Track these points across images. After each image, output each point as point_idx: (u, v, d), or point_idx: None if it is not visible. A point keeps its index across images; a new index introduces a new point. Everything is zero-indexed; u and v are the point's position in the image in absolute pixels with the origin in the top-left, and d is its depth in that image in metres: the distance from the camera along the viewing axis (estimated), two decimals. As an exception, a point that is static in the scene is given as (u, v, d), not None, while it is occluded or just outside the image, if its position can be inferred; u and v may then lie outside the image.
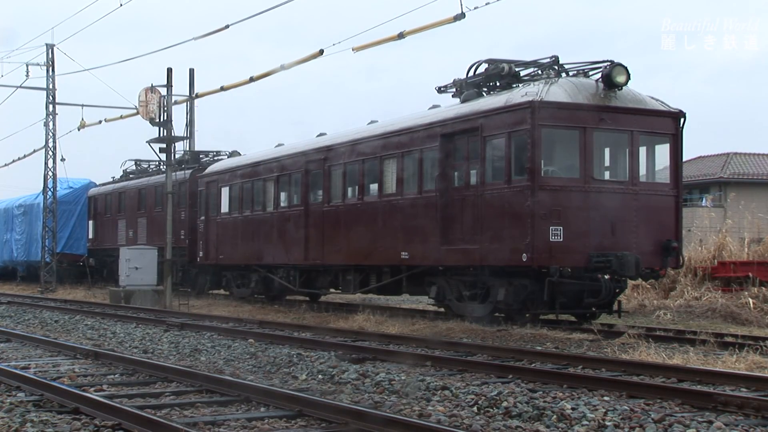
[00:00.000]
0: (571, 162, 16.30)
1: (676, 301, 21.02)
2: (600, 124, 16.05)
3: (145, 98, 25.21)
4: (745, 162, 53.16)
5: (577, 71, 16.97)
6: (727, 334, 15.19)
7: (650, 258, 16.30)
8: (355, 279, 20.71)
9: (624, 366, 11.21)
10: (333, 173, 21.28)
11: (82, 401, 8.50)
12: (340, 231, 20.78)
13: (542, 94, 15.70)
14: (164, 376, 10.43)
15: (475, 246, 16.55)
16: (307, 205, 22.20)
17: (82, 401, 8.51)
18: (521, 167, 15.86)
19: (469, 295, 17.37)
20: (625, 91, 16.39)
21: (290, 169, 23.13)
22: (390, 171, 19.24)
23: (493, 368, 11.28)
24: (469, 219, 16.85)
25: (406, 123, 19.01)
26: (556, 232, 15.48)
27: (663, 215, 16.55)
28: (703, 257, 23.39)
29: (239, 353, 13.00)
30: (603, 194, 15.98)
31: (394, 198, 18.97)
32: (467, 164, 17.11)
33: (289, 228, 22.90)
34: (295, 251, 22.46)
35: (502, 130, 16.20)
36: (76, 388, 9.27)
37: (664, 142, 16.90)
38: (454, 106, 18.21)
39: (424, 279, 18.60)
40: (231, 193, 26.20)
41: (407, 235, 18.43)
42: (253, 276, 25.36)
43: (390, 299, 25.06)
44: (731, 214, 32.63)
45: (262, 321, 18.69)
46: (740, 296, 20.34)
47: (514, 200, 15.83)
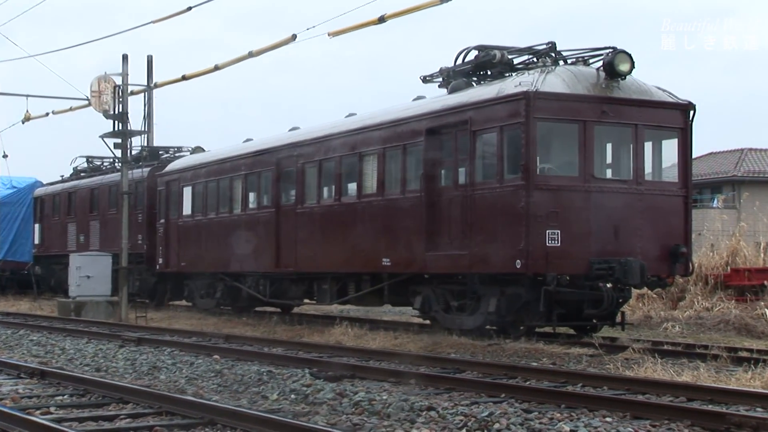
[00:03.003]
0: (569, 159, 16.36)
1: (686, 312, 21.12)
2: (601, 117, 16.12)
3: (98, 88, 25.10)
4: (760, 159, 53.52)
5: (576, 59, 17.03)
6: (741, 349, 15.27)
7: (657, 264, 16.38)
8: (331, 288, 20.69)
9: (628, 383, 11.26)
10: (307, 171, 21.26)
11: (27, 425, 8.45)
12: (315, 235, 20.77)
13: (538, 84, 15.75)
14: (119, 396, 10.38)
15: (463, 251, 16.58)
16: (279, 206, 22.16)
17: (26, 425, 8.46)
18: (515, 165, 15.91)
19: (458, 306, 17.40)
20: (628, 81, 16.47)
21: (260, 167, 23.10)
22: (370, 169, 19.25)
23: (484, 386, 11.30)
24: (457, 222, 16.88)
25: (388, 116, 19.02)
26: (554, 236, 15.52)
27: (670, 217, 16.63)
28: (714, 264, 23.51)
29: (203, 371, 12.96)
30: (605, 194, 16.05)
31: (375, 199, 18.98)
32: (455, 161, 17.14)
33: (259, 232, 22.87)
34: (266, 258, 22.42)
35: (493, 123, 16.24)
36: (20, 411, 9.21)
37: (671, 137, 16.98)
38: (440, 98, 18.23)
39: (407, 288, 18.61)
40: (194, 194, 26.13)
41: (389, 240, 18.43)
42: (219, 285, 25.30)
43: (370, 310, 25.03)
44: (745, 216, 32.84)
45: (229, 335, 18.64)
46: (756, 307, 20.46)
47: (507, 201, 15.87)
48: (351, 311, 25.72)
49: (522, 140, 15.67)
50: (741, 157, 53.08)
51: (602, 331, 17.59)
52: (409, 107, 18.80)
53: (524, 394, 10.61)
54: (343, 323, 19.11)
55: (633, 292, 19.06)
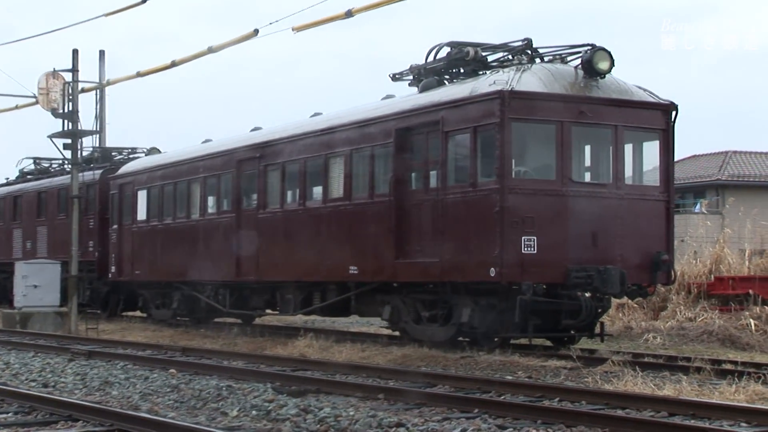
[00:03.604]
0: (546, 161, 16.44)
1: (667, 322, 21.26)
2: (579, 118, 16.22)
3: (45, 85, 24.93)
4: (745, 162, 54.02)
5: (554, 56, 17.12)
6: (725, 361, 15.41)
7: (637, 273, 16.49)
8: (295, 298, 20.67)
9: (607, 398, 11.32)
10: (270, 174, 21.22)
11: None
12: (278, 242, 20.73)
13: (513, 83, 15.82)
14: (68, 414, 10.31)
15: (435, 259, 16.61)
16: (240, 211, 22.10)
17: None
18: (489, 167, 15.96)
19: (429, 317, 17.43)
20: (608, 80, 16.59)
21: (219, 170, 23.03)
22: (336, 172, 19.25)
23: (456, 401, 11.32)
24: (428, 228, 16.91)
25: (355, 116, 19.03)
26: (529, 243, 15.59)
27: (652, 223, 16.75)
28: (697, 272, 23.68)
29: (158, 386, 12.90)
30: (583, 199, 16.14)
31: (342, 203, 18.98)
32: (426, 164, 17.17)
33: (218, 238, 22.80)
34: (225, 266, 22.35)
35: (466, 124, 16.29)
36: (-37, 429, 9.13)
37: (652, 139, 17.12)
38: (410, 96, 18.27)
39: (376, 298, 18.63)
40: (149, 198, 26.01)
41: (356, 247, 18.43)
42: (176, 295, 25.19)
43: (336, 321, 25.01)
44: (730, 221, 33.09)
45: (186, 348, 18.57)
46: (740, 317, 20.62)
47: (481, 206, 15.92)
48: (316, 322, 25.68)
49: (496, 142, 15.73)
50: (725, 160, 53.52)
51: (580, 343, 17.68)
52: (377, 107, 18.82)
53: (499, 410, 10.64)
54: (308, 335, 19.08)
55: (612, 302, 19.18)
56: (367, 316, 21.47)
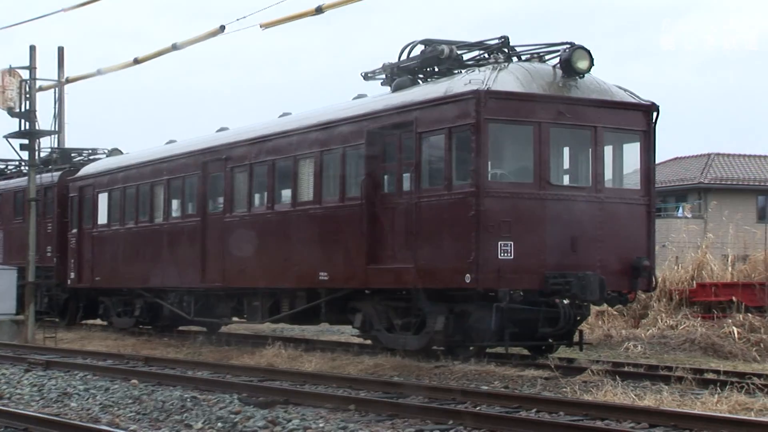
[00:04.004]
0: (523, 164, 16.50)
1: (648, 330, 21.37)
2: (558, 119, 16.28)
3: (1, 83, 24.75)
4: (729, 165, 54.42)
5: (531, 55, 17.19)
6: (707, 370, 15.51)
7: (617, 279, 16.56)
8: (263, 305, 20.63)
9: (586, 408, 11.36)
10: (236, 176, 21.18)
11: None
12: (245, 247, 20.67)
13: (489, 83, 15.86)
14: (24, 427, 10.25)
15: (408, 265, 16.62)
16: (205, 215, 22.04)
17: None
18: (464, 170, 16.00)
19: (402, 324, 17.44)
20: (587, 80, 16.67)
21: (184, 172, 22.97)
22: (306, 174, 19.23)
23: (431, 412, 11.33)
24: (401, 232, 16.92)
25: (326, 116, 19.03)
26: (506, 248, 15.63)
27: (632, 228, 16.83)
28: (679, 278, 23.82)
29: (119, 397, 12.86)
30: (562, 203, 16.21)
31: (311, 207, 18.96)
32: (399, 166, 17.19)
33: (183, 243, 22.72)
34: (190, 272, 22.28)
35: (441, 125, 16.32)
36: None
37: (633, 141, 17.21)
38: (383, 96, 18.29)
39: (347, 305, 18.61)
40: (110, 201, 25.90)
41: (327, 252, 18.42)
42: (138, 302, 25.10)
43: (306, 329, 24.98)
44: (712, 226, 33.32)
45: (149, 357, 18.52)
46: (723, 324, 20.75)
47: (456, 210, 15.95)
48: (285, 330, 25.65)
49: (472, 143, 15.76)
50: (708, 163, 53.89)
51: (558, 352, 17.74)
52: (349, 107, 18.82)
53: (474, 421, 10.66)
54: (276, 344, 19.06)
55: (592, 309, 19.27)
56: (337, 324, 21.45)
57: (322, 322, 20.70)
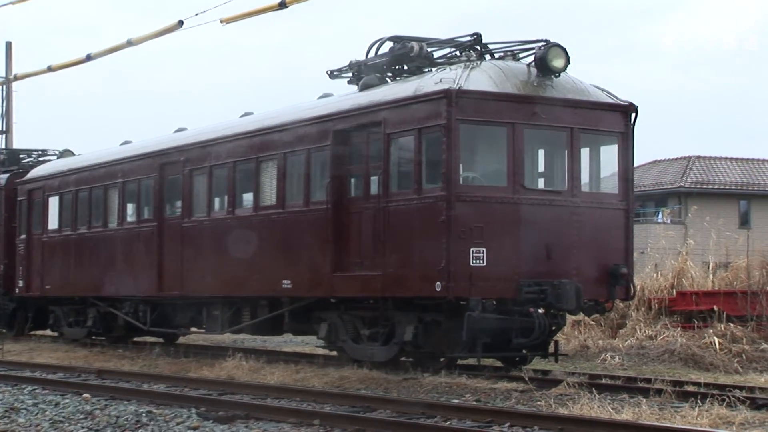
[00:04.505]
0: (496, 167, 16.54)
1: (626, 341, 21.47)
2: (533, 120, 16.34)
3: (-53, 80, 24.58)
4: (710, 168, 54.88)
5: (505, 53, 17.25)
6: (687, 382, 15.60)
7: (594, 287, 16.64)
8: (223, 314, 20.58)
9: (562, 422, 11.40)
10: (195, 179, 21.12)
11: None
12: (205, 253, 20.63)
13: (461, 81, 15.91)
14: (-30, 443, 10.17)
15: (376, 272, 16.63)
16: (162, 219, 21.98)
17: None
18: (435, 173, 16.02)
19: (369, 335, 17.45)
20: (563, 79, 16.74)
21: (140, 174, 22.89)
22: (269, 177, 19.21)
23: (399, 427, 11.34)
24: (368, 238, 16.93)
25: (290, 116, 19.01)
26: (478, 255, 15.67)
27: (610, 234, 16.91)
28: (659, 286, 23.95)
29: (71, 412, 12.78)
30: (536, 207, 16.27)
31: (275, 211, 18.94)
32: (367, 169, 17.20)
33: (139, 249, 22.64)
34: (146, 279, 22.19)
35: (410, 125, 16.34)
36: None
37: (611, 143, 17.30)
38: (350, 95, 18.29)
39: (311, 314, 18.60)
40: (62, 205, 25.78)
41: (290, 259, 18.40)
42: (91, 312, 24.98)
43: (268, 340, 24.93)
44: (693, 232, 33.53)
45: (102, 370, 18.46)
46: (704, 335, 20.87)
47: (426, 214, 15.97)
48: (246, 341, 25.59)
49: (443, 145, 15.79)
50: (688, 166, 54.32)
51: (533, 363, 17.79)
52: (314, 106, 18.82)
53: (444, 436, 10.66)
54: (237, 355, 19.01)
55: (568, 319, 19.34)
56: (301, 334, 21.42)
57: (286, 333, 20.66)
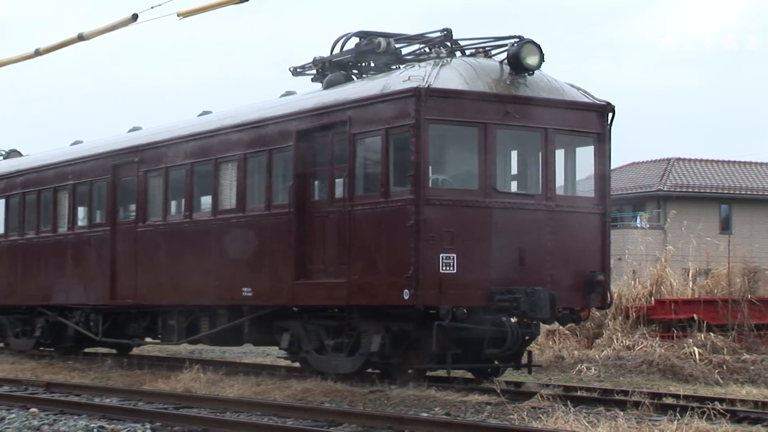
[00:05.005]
0: (467, 169, 16.58)
1: (603, 351, 21.59)
2: (505, 120, 16.39)
3: None
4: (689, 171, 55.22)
5: (476, 50, 17.29)
6: (666, 394, 15.69)
7: (569, 295, 16.70)
8: (180, 324, 20.52)
9: (535, 437, 11.44)
10: (151, 181, 21.05)
11: None
12: (161, 259, 20.57)
13: (430, 79, 15.93)
14: None
15: (341, 280, 16.63)
16: (115, 224, 21.90)
17: None
18: (403, 175, 16.04)
19: (333, 345, 17.44)
20: (537, 77, 16.80)
21: (91, 176, 22.80)
22: (228, 179, 19.18)
23: (365, 442, 11.34)
24: (333, 244, 16.93)
25: (250, 115, 18.99)
26: (448, 261, 15.70)
27: (586, 239, 16.99)
28: (636, 294, 24.08)
29: (17, 428, 12.72)
30: (509, 211, 16.31)
31: (234, 215, 18.90)
32: (331, 171, 17.20)
33: (90, 255, 22.55)
34: (98, 287, 22.10)
35: (377, 125, 16.36)
36: None
37: (587, 144, 17.37)
38: (313, 93, 18.29)
39: (273, 324, 18.58)
40: (8, 208, 25.68)
41: (251, 265, 18.37)
42: (39, 321, 24.83)
43: (228, 351, 24.85)
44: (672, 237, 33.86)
45: (50, 383, 18.36)
46: (683, 345, 21.02)
47: (393, 219, 15.99)
48: (204, 352, 25.51)
49: (411, 146, 15.81)
50: (667, 169, 54.62)
51: (505, 375, 17.84)
52: (276, 105, 18.81)
53: (412, 451, 10.68)
54: (194, 367, 18.95)
55: (542, 328, 19.41)
56: (262, 344, 21.39)
57: (246, 343, 20.62)
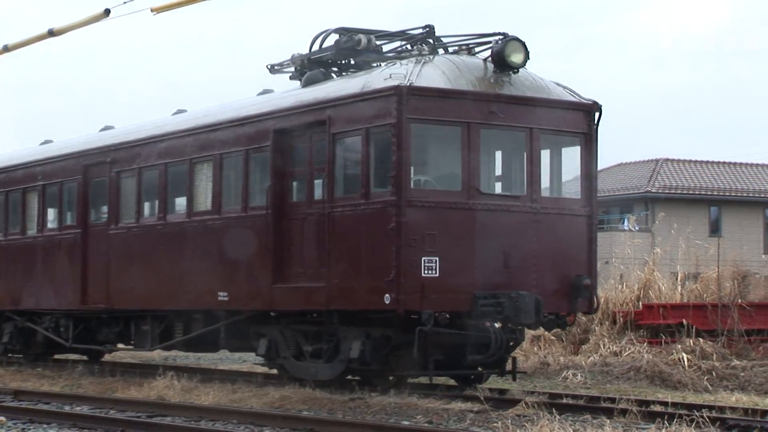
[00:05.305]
0: (450, 170, 16.59)
1: (589, 357, 21.63)
2: (489, 119, 16.41)
3: None
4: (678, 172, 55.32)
5: (459, 47, 17.31)
6: (654, 402, 15.73)
7: (555, 300, 16.72)
8: (153, 329, 20.47)
9: (519, 445, 11.46)
10: (123, 182, 21.01)
11: None
12: (134, 263, 20.52)
13: (412, 77, 15.94)
14: None
15: (320, 284, 16.62)
16: (87, 226, 21.84)
17: None
18: (384, 176, 16.04)
19: (312, 351, 17.42)
20: (522, 75, 16.83)
21: (61, 176, 22.74)
22: (204, 180, 19.15)
23: (344, 451, 11.33)
24: (312, 247, 16.91)
25: (227, 114, 18.98)
26: (431, 265, 15.70)
27: (572, 242, 17.01)
28: (624, 298, 24.17)
29: (-15, 437, 12.66)
30: (493, 214, 16.32)
31: (210, 217, 18.88)
32: (310, 171, 17.19)
33: (61, 259, 22.49)
34: (69, 291, 22.04)
35: (357, 125, 16.36)
36: None
37: (573, 144, 17.40)
38: (291, 92, 18.28)
39: (249, 329, 18.56)
40: (-25, 209, 25.53)
41: (227, 269, 18.35)
42: (7, 327, 24.75)
43: (203, 357, 24.81)
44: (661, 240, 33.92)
45: (19, 390, 18.30)
46: (672, 350, 21.08)
47: (374, 221, 15.99)
48: (178, 358, 25.46)
49: (392, 146, 15.81)
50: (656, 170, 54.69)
51: (489, 382, 17.86)
52: (253, 103, 18.78)
53: (393, 461, 10.68)
54: (168, 374, 18.91)
55: (526, 334, 19.43)
56: (239, 351, 21.33)
57: (222, 349, 20.59)
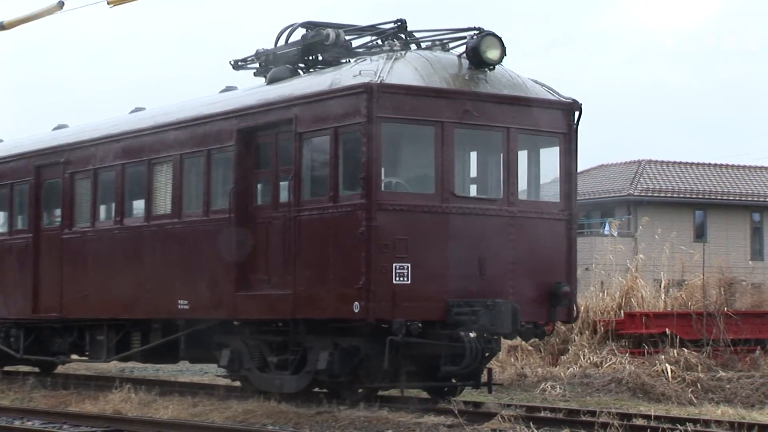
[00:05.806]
0: (423, 171, 16.61)
1: (569, 368, 21.66)
2: (464, 118, 16.43)
3: None
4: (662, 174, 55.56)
5: (433, 42, 17.32)
6: (636, 415, 15.76)
7: (533, 308, 16.75)
8: (109, 340, 20.40)
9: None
10: (78, 184, 20.94)
11: None
12: (88, 269, 20.46)
13: (383, 74, 15.94)
14: None
15: (286, 291, 16.60)
16: (39, 230, 21.76)
17: None
18: (353, 178, 16.04)
19: (277, 362, 17.40)
20: (498, 72, 16.85)
21: (12, 178, 22.67)
22: (163, 182, 19.11)
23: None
24: (277, 252, 16.90)
25: (187, 112, 18.94)
26: (402, 272, 15.70)
27: (550, 248, 17.05)
28: (605, 307, 24.21)
29: (-70, 453, 12.59)
30: (468, 218, 16.35)
31: (170, 221, 18.83)
32: (275, 173, 17.17)
33: (10, 265, 22.41)
34: (19, 300, 21.95)
35: (325, 124, 16.35)
36: None
37: (552, 145, 17.45)
38: (256, 89, 18.27)
39: (211, 339, 18.52)
40: None
41: (188, 276, 18.31)
42: (-46, 337, 24.60)
43: (162, 369, 24.72)
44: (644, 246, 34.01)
45: (-33, 404, 18.19)
46: (655, 361, 21.14)
47: (343, 225, 15.98)
48: (136, 370, 25.37)
49: (362, 146, 15.81)
50: (638, 172, 54.90)
51: (463, 394, 17.86)
52: (215, 101, 18.76)
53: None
54: (125, 386, 18.86)
55: (503, 344, 19.45)
56: (200, 362, 21.29)
57: (182, 360, 20.55)
